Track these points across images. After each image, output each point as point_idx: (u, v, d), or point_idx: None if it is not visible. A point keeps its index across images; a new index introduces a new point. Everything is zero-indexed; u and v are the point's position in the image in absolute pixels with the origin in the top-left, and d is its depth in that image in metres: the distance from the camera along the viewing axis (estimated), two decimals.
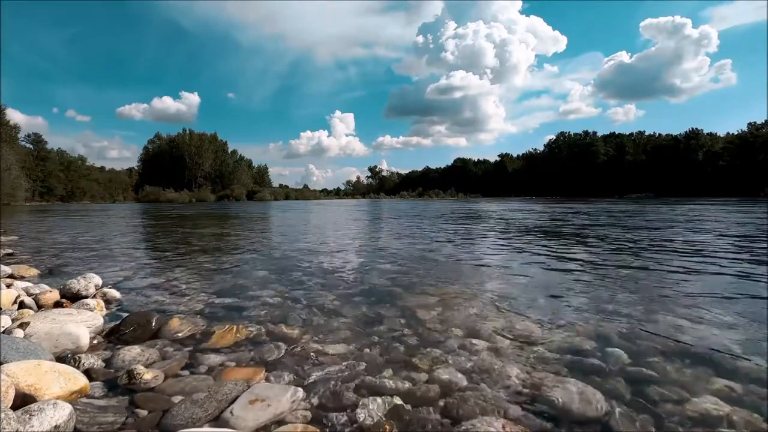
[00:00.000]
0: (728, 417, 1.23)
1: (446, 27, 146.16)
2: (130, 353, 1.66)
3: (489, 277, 3.37)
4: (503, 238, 6.32)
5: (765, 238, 5.82)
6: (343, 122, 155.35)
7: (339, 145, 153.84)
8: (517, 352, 1.74)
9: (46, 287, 2.61)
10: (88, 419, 1.20)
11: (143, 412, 1.27)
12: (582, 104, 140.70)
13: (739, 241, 5.58)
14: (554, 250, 5.03)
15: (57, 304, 2.36)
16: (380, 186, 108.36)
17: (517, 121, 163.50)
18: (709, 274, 3.36)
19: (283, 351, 1.76)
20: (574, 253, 4.67)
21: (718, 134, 63.14)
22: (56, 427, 1.09)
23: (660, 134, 70.76)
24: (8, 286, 2.56)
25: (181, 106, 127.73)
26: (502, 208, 19.67)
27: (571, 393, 1.34)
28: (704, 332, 1.96)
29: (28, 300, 2.35)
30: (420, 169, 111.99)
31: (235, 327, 2.03)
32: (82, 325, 1.86)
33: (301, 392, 1.37)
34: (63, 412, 1.13)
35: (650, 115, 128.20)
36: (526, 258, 4.36)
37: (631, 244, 5.35)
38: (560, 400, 1.31)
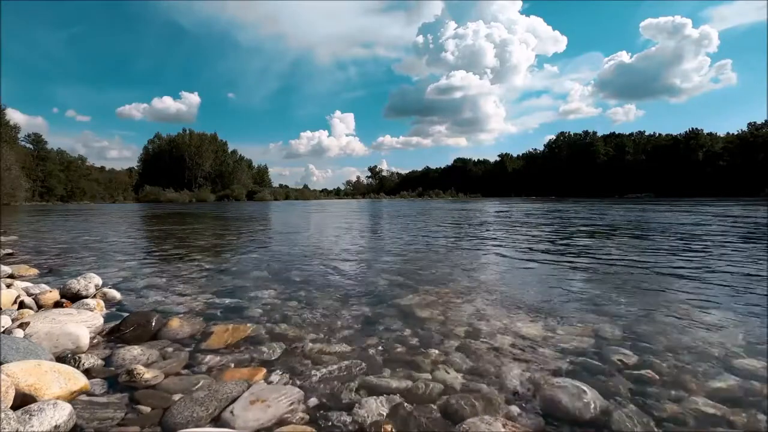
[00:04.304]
0: (728, 417, 1.23)
1: (446, 27, 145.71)
2: (130, 353, 1.66)
3: (488, 277, 3.37)
4: (502, 238, 6.32)
5: (764, 238, 5.82)
6: (343, 122, 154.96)
7: (339, 145, 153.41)
8: (517, 352, 1.74)
9: (46, 287, 2.61)
10: (88, 416, 1.20)
11: (145, 409, 1.27)
12: (582, 104, 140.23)
13: (739, 240, 5.57)
14: (553, 250, 5.04)
15: (57, 304, 2.36)
16: (380, 186, 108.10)
17: (517, 121, 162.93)
18: (708, 273, 3.36)
19: (283, 351, 1.76)
20: (573, 253, 4.67)
21: (718, 134, 63.03)
22: (56, 427, 1.09)
23: (660, 134, 70.66)
24: (8, 286, 2.56)
25: (181, 106, 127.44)
26: (500, 208, 19.67)
27: (571, 393, 1.34)
28: (704, 332, 1.96)
29: (28, 300, 2.35)
30: (420, 169, 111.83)
31: (234, 327, 2.03)
32: (82, 325, 1.86)
33: (300, 393, 1.37)
34: (63, 412, 1.13)
35: (650, 115, 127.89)
36: (526, 258, 4.36)
37: (630, 245, 5.35)
38: (560, 399, 1.31)
